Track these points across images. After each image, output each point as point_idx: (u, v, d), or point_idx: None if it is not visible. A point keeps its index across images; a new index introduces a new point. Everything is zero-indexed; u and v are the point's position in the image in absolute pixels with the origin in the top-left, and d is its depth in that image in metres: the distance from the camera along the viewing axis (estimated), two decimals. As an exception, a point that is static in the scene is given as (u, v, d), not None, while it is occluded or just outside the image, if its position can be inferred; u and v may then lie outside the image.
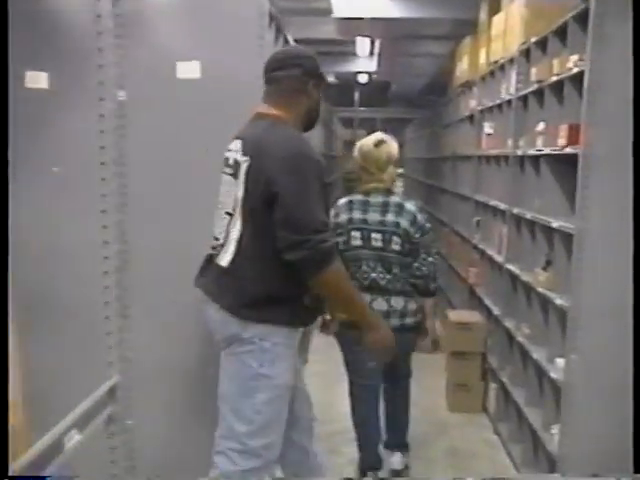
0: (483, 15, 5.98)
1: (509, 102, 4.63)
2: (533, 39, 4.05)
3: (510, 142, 4.55)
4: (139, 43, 2.98)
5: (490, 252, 5.09)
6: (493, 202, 5.02)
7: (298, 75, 2.40)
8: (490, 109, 5.32)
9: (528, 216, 3.98)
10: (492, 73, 5.31)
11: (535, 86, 3.96)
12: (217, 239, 2.41)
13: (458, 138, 6.83)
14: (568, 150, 3.28)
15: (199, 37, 3.10)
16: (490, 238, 5.28)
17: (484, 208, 5.49)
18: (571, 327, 3.17)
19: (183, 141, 3.09)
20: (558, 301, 3.35)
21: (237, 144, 2.37)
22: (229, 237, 2.32)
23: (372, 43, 10.19)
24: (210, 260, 2.46)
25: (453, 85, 7.44)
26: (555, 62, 3.57)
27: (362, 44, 9.75)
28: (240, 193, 2.28)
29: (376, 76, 12.52)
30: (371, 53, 10.96)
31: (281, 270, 2.24)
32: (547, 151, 3.65)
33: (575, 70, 3.24)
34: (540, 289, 3.66)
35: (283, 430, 2.42)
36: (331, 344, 3.77)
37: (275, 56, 2.49)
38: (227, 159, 2.42)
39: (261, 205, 2.23)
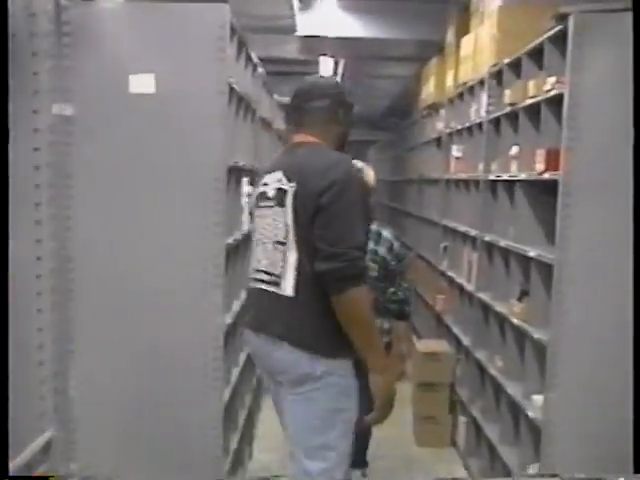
0: (450, 36, 5.86)
1: (480, 125, 4.48)
2: (506, 60, 3.91)
3: (481, 166, 4.39)
4: (88, 53, 2.74)
5: (459, 280, 4.92)
6: (463, 228, 4.85)
7: (328, 105, 2.44)
8: (459, 132, 5.18)
9: (502, 244, 3.81)
10: (461, 95, 5.17)
11: (508, 109, 3.81)
12: (268, 272, 2.36)
13: (424, 161, 6.69)
14: (546, 176, 3.12)
15: (155, 49, 2.87)
16: (459, 265, 5.10)
17: (452, 234, 5.33)
18: (550, 363, 2.98)
19: (135, 160, 2.85)
20: (536, 335, 3.17)
21: (277, 175, 2.37)
22: (286, 265, 2.29)
23: (336, 64, 10.04)
24: (263, 296, 2.39)
25: (418, 107, 7.32)
26: (531, 84, 3.42)
27: (325, 64, 9.58)
28: (290, 219, 2.28)
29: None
30: (334, 74, 10.81)
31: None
32: (522, 176, 3.48)
33: (553, 92, 3.09)
34: (515, 321, 3.48)
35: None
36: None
37: (304, 87, 2.52)
38: (264, 193, 2.42)
39: (310, 224, 2.24)
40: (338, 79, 10.88)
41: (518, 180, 3.60)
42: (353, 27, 6.84)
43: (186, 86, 2.86)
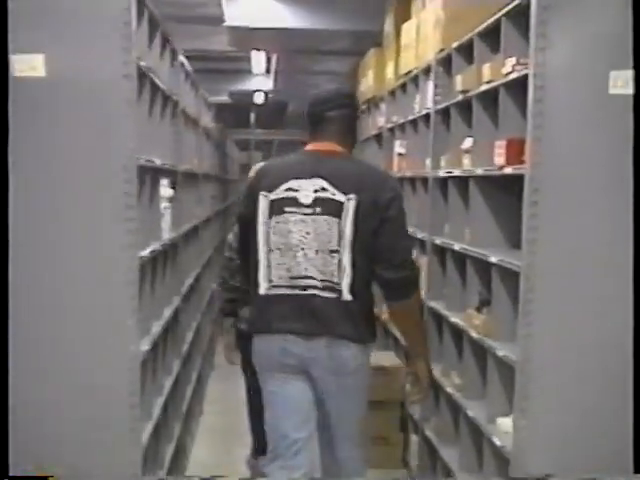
0: (389, 25, 5.48)
1: (426, 117, 4.09)
2: (454, 44, 3.53)
3: (429, 162, 4.01)
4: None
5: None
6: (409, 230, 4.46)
7: (349, 114, 2.62)
8: (402, 126, 4.79)
9: (456, 247, 3.42)
10: (403, 87, 4.79)
11: (459, 97, 3.43)
12: (321, 279, 2.46)
13: (364, 159, 6.28)
14: (508, 170, 2.74)
15: (45, 25, 2.36)
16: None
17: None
18: (520, 384, 2.59)
19: (23, 159, 2.34)
20: (500, 351, 2.79)
21: (314, 182, 2.46)
22: (342, 272, 2.44)
23: (268, 60, 9.61)
24: (309, 302, 2.49)
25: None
26: (485, 68, 3.05)
27: (257, 60, 9.14)
28: (349, 229, 2.42)
29: (273, 95, 11.93)
30: (267, 71, 10.37)
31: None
32: (478, 172, 3.11)
33: (514, 75, 2.71)
34: (475, 334, 3.10)
35: None
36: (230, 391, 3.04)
37: (324, 95, 2.63)
38: (293, 199, 2.47)
39: (371, 236, 2.43)
40: (271, 76, 10.51)
41: (472, 176, 3.22)
42: (285, 18, 6.42)
43: (84, 68, 2.36)
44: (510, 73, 2.73)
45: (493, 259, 2.88)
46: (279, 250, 2.48)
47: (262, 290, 2.53)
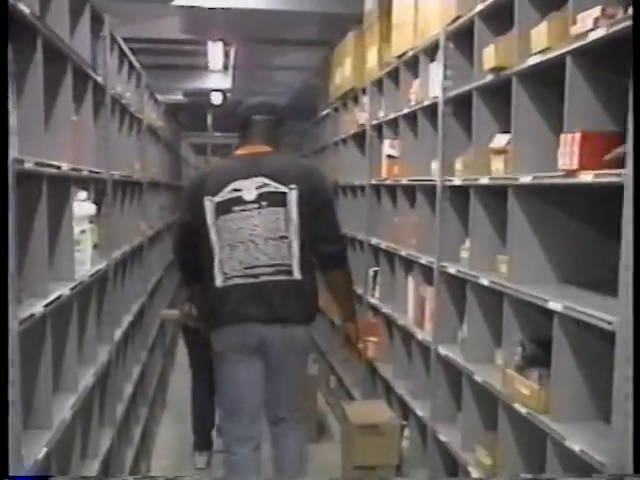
0: (370, 4, 4.59)
1: (430, 109, 3.20)
2: (479, 7, 2.63)
3: (435, 166, 3.12)
4: None
5: (401, 320, 3.63)
6: (404, 251, 3.56)
7: (275, 120, 2.90)
8: (392, 122, 3.89)
9: (484, 282, 2.53)
10: (393, 74, 3.88)
11: (487, 78, 2.54)
12: (274, 265, 2.69)
13: (339, 164, 5.38)
14: (585, 178, 1.85)
15: None
16: (397, 298, 3.82)
17: (387, 257, 4.04)
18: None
19: None
20: (574, 444, 1.89)
21: (257, 180, 2.71)
22: (292, 254, 2.71)
23: (226, 55, 8.63)
24: (267, 288, 2.70)
25: (328, 99, 6.01)
26: (538, 32, 2.15)
27: (214, 54, 8.15)
28: (294, 215, 2.70)
29: (231, 95, 10.93)
30: (225, 67, 9.39)
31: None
32: (524, 180, 2.21)
33: (597, 34, 1.82)
34: (522, 409, 2.20)
35: None
36: None
37: (251, 103, 2.94)
38: (237, 198, 2.70)
39: (312, 218, 2.74)
40: (229, 73, 9.53)
41: (513, 185, 2.33)
42: (245, -2, 5.45)
43: None
44: (589, 32, 1.84)
45: (557, 306, 1.98)
46: (230, 246, 2.70)
47: (218, 283, 2.72)
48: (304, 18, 5.58)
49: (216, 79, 9.84)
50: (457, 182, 2.84)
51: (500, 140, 2.47)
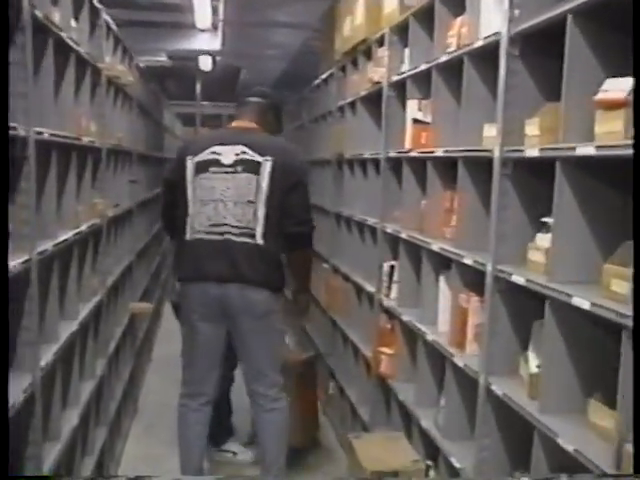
0: None
1: (485, 50, 2.32)
2: None
3: (491, 131, 2.25)
4: None
5: (431, 336, 2.78)
6: (438, 245, 2.70)
7: (269, 104, 3.18)
8: (420, 77, 3.02)
9: (582, 304, 1.68)
10: (423, 13, 2.99)
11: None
12: (239, 226, 2.86)
13: (344, 133, 4.49)
14: None
15: None
16: (422, 304, 2.97)
17: (410, 250, 3.18)
18: None
19: None
20: None
21: (236, 148, 2.91)
22: (256, 219, 2.85)
23: (215, 12, 7.68)
24: (228, 247, 2.86)
25: (331, 59, 5.10)
26: None
27: (201, 7, 7.20)
28: (265, 184, 2.85)
29: (221, 59, 9.97)
30: (214, 27, 8.44)
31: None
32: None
33: None
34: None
35: None
36: None
37: (251, 86, 3.33)
38: (216, 160, 2.91)
39: (283, 193, 2.87)
40: (219, 33, 8.58)
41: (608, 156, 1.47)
42: None
43: None
44: None
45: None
46: (201, 201, 2.89)
47: (187, 237, 2.91)
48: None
49: (204, 40, 8.87)
50: (532, 153, 1.96)
51: (615, 87, 1.60)
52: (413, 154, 3.04)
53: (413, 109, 3.07)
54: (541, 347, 2.03)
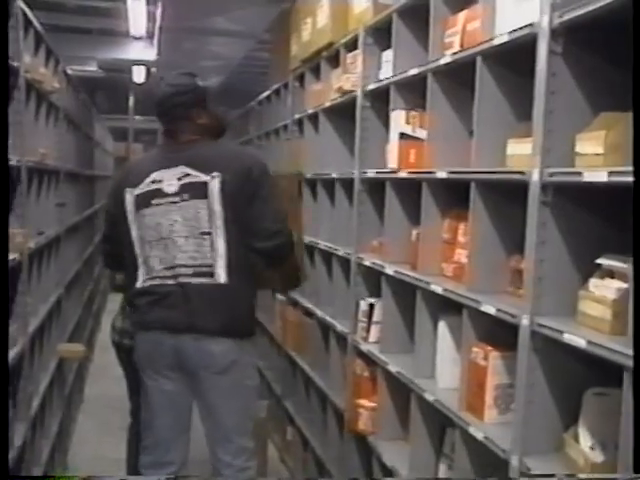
0: None
1: (506, 50, 1.88)
2: None
3: (523, 148, 1.80)
4: None
5: (430, 395, 2.31)
6: (441, 286, 2.24)
7: (192, 101, 2.48)
8: (409, 84, 2.57)
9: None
10: (414, 11, 2.55)
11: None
12: (194, 265, 2.38)
13: (304, 149, 4.01)
14: None
15: None
16: (416, 352, 2.50)
17: (398, 287, 2.71)
18: None
19: None
20: None
21: (177, 170, 2.41)
22: (215, 253, 2.36)
23: (150, 19, 7.11)
24: (185, 291, 2.39)
25: (285, 68, 4.62)
26: None
27: (136, 13, 6.62)
28: (217, 207, 2.36)
29: (157, 70, 9.36)
30: (150, 36, 7.86)
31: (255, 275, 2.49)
32: None
33: None
34: None
35: None
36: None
37: (165, 91, 2.50)
38: (157, 190, 2.42)
39: (242, 209, 2.37)
40: (155, 42, 7.99)
41: None
42: None
43: None
44: None
45: None
46: (149, 243, 2.44)
47: (138, 284, 2.47)
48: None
49: (138, 48, 8.26)
50: (595, 177, 1.50)
51: None
52: (402, 175, 2.57)
53: (399, 122, 2.60)
54: (598, 423, 1.58)
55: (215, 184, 2.36)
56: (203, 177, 2.38)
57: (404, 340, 2.71)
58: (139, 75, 9.85)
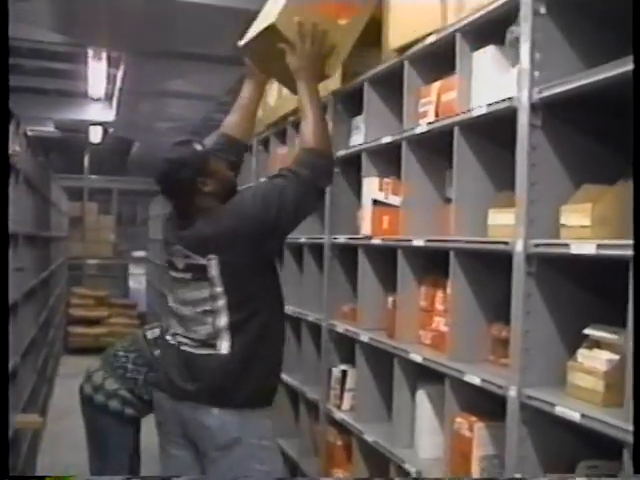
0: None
1: (482, 122, 1.91)
2: None
3: (506, 218, 1.81)
4: None
5: (410, 465, 2.26)
6: (419, 355, 2.21)
7: (187, 175, 2.22)
8: (382, 152, 2.59)
9: None
10: (384, 79, 2.60)
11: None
12: (193, 339, 2.25)
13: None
14: None
15: None
16: (393, 421, 2.46)
17: (373, 355, 2.68)
18: None
19: None
20: None
21: (177, 249, 2.30)
22: (217, 332, 2.20)
23: (110, 80, 7.12)
24: (184, 358, 2.25)
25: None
26: None
27: (96, 74, 6.61)
28: (219, 289, 2.19)
29: (114, 131, 9.32)
30: (109, 96, 7.85)
31: (277, 342, 2.30)
32: None
33: None
34: None
35: None
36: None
37: (158, 166, 2.29)
38: (172, 262, 2.34)
39: (250, 269, 2.21)
40: (113, 104, 7.98)
41: None
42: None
43: None
44: None
45: None
46: (172, 300, 2.37)
47: (164, 334, 2.44)
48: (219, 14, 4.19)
49: (96, 109, 8.23)
50: (583, 249, 1.51)
51: None
52: (375, 242, 2.57)
53: (372, 188, 2.62)
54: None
55: (213, 266, 2.19)
56: (201, 260, 2.21)
57: (380, 408, 2.66)
58: (96, 135, 9.79)
